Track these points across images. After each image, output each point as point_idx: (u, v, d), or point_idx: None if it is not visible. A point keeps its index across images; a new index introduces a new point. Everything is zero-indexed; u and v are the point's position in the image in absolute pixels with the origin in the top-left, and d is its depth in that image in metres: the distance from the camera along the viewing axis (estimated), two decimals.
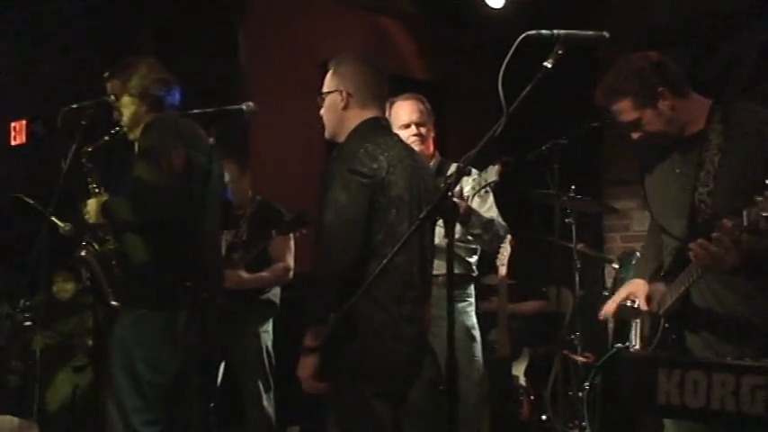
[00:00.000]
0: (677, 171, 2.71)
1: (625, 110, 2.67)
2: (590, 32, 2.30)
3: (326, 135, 2.98)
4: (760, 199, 2.17)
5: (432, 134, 3.91)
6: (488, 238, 3.78)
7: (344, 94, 2.88)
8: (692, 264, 2.50)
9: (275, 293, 4.54)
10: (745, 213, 2.22)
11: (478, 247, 3.99)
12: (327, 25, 5.75)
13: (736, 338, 2.55)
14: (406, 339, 2.74)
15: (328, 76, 2.95)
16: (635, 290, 2.79)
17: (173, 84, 3.45)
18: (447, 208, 2.33)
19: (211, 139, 2.93)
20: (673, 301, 2.63)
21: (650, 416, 1.84)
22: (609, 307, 2.88)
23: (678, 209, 2.67)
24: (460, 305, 3.87)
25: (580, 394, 4.56)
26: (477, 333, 3.95)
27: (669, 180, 2.75)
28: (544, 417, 4.98)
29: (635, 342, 2.86)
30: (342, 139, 2.89)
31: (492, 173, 3.26)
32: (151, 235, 3.24)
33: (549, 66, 2.23)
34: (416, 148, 3.71)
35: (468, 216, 3.60)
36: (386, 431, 2.72)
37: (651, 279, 2.80)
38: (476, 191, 3.34)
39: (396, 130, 3.78)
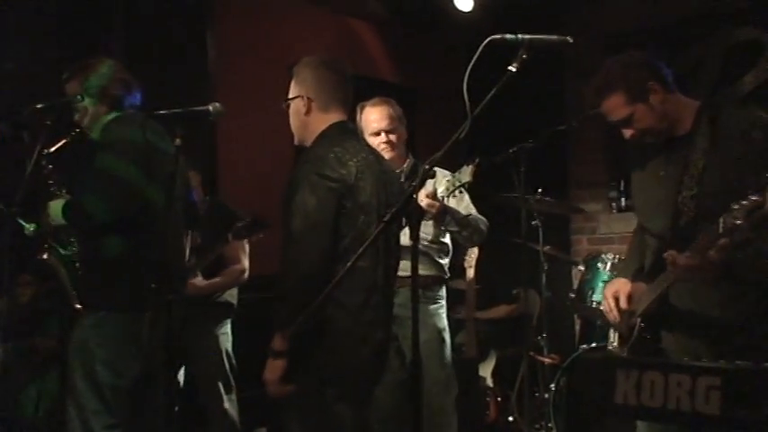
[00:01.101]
0: (662, 173, 2.73)
1: (617, 106, 2.67)
2: (554, 37, 2.32)
3: (296, 141, 2.98)
4: (736, 207, 2.19)
5: (403, 138, 3.91)
6: (468, 233, 3.81)
7: (305, 99, 2.87)
8: (692, 249, 2.52)
9: (232, 294, 4.52)
10: (721, 220, 2.24)
11: (450, 248, 3.99)
12: (297, 28, 5.74)
13: (713, 341, 2.57)
14: (370, 343, 2.75)
15: (292, 82, 2.95)
16: (617, 289, 2.80)
17: (133, 84, 3.42)
18: (411, 210, 2.34)
19: (177, 140, 2.90)
20: (650, 301, 2.65)
21: (608, 416, 1.86)
22: (608, 312, 2.84)
23: (662, 210, 2.69)
24: (432, 307, 3.89)
25: (546, 395, 4.60)
26: (447, 336, 3.97)
27: (654, 181, 2.77)
28: (511, 418, 5.02)
29: (614, 341, 2.86)
30: (309, 143, 2.88)
31: (466, 173, 3.28)
32: (115, 236, 3.21)
33: (514, 70, 2.25)
34: (387, 155, 3.71)
35: (444, 215, 3.62)
36: None
37: (634, 278, 2.81)
38: (450, 191, 3.36)
39: (366, 137, 3.79)
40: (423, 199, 3.47)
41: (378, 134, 3.79)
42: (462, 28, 5.82)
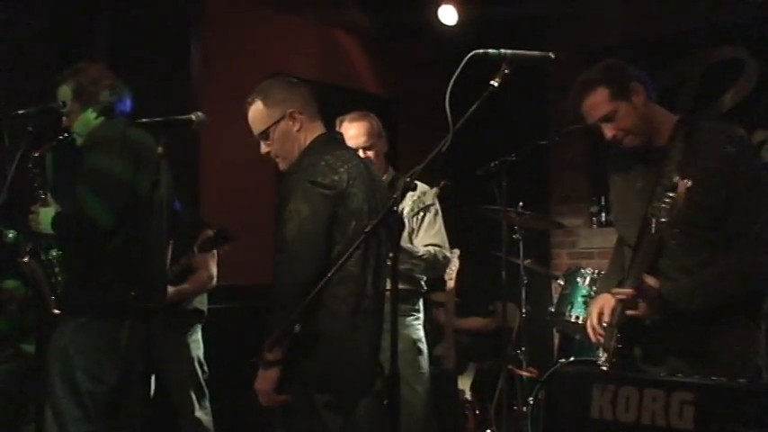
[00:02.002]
0: (638, 185, 2.76)
1: (601, 101, 2.70)
2: (536, 53, 2.35)
3: (284, 167, 2.91)
4: (662, 205, 2.27)
5: (382, 152, 3.89)
6: (420, 271, 3.80)
7: (295, 114, 2.86)
8: (630, 274, 2.56)
9: (202, 301, 4.50)
10: (653, 221, 2.33)
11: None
12: (281, 38, 5.75)
13: (688, 354, 2.59)
14: (359, 350, 2.75)
15: (260, 112, 2.87)
16: (603, 304, 2.79)
17: (123, 90, 3.42)
18: (393, 221, 2.36)
19: (160, 149, 2.90)
20: (619, 313, 2.67)
21: (584, 431, 1.87)
22: (591, 331, 2.84)
23: (636, 221, 2.71)
24: (408, 319, 3.89)
25: (525, 409, 4.61)
26: (423, 346, 3.97)
27: (631, 193, 2.80)
28: (489, 431, 5.02)
29: (602, 356, 2.87)
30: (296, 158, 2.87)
31: (429, 196, 3.30)
32: (96, 243, 3.20)
33: (496, 84, 2.28)
34: None
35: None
36: None
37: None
38: (414, 213, 3.37)
39: None
40: None
41: (355, 151, 3.79)
42: (446, 41, 5.86)
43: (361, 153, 3.77)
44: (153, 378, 4.26)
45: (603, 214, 6.21)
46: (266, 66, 5.29)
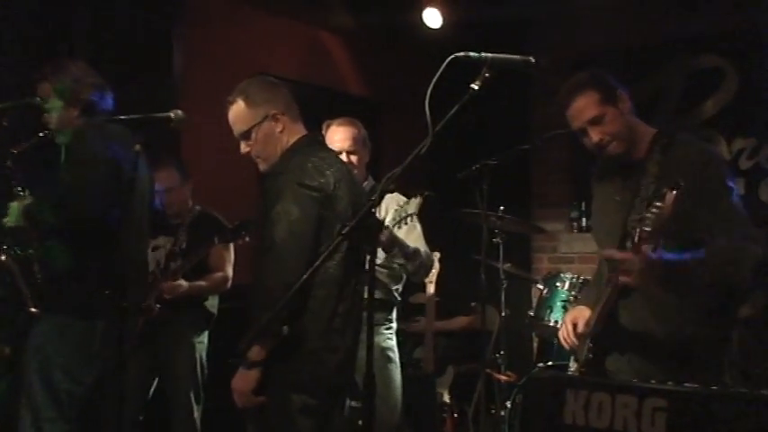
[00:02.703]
0: (617, 198, 2.78)
1: (591, 103, 2.71)
2: (517, 57, 2.35)
3: (265, 168, 2.90)
4: (647, 215, 2.28)
5: (365, 161, 3.89)
6: (413, 268, 3.77)
7: (278, 115, 2.84)
8: (606, 282, 2.57)
9: (213, 304, 4.49)
10: (636, 230, 2.35)
11: (403, 275, 3.98)
12: (264, 36, 5.73)
13: (663, 360, 2.61)
14: (335, 352, 2.74)
15: (242, 112, 2.85)
16: (577, 315, 2.82)
17: (105, 88, 3.39)
18: (369, 226, 2.35)
19: (137, 146, 2.88)
20: (595, 320, 2.67)
21: None
22: (563, 339, 2.86)
23: (614, 234, 2.73)
24: (380, 328, 3.86)
25: (502, 413, 4.62)
26: (394, 355, 3.93)
27: (610, 205, 2.82)
28: None
29: (572, 367, 2.87)
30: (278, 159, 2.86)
31: (412, 205, 3.27)
32: (74, 241, 3.17)
33: (476, 88, 2.28)
34: None
35: (392, 245, 3.59)
36: None
37: (595, 305, 2.80)
38: (396, 222, 3.36)
39: None
40: None
41: (339, 154, 3.78)
42: (430, 44, 5.85)
43: (344, 157, 3.76)
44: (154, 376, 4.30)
45: (584, 219, 6.24)
46: (249, 65, 5.27)
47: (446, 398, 5.09)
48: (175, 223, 4.41)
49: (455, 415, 5.08)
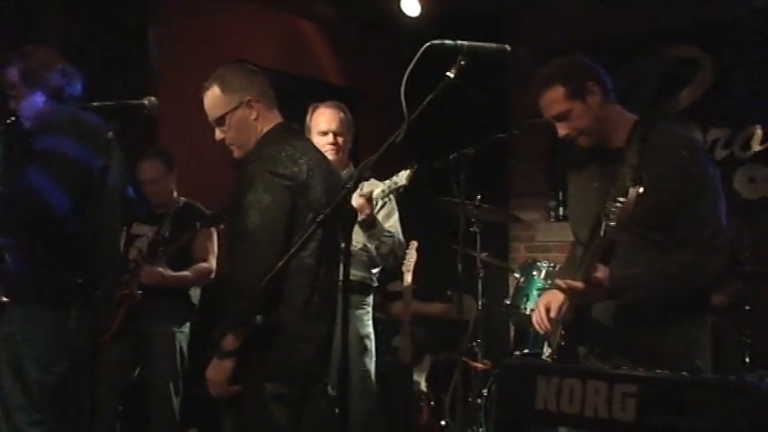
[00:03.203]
0: (595, 185, 2.77)
1: (556, 99, 2.70)
2: (492, 45, 2.34)
3: (239, 155, 2.89)
4: (612, 209, 2.29)
5: (348, 145, 3.89)
6: (385, 251, 3.74)
7: (253, 103, 2.83)
8: (581, 268, 2.58)
9: (194, 294, 4.47)
10: (603, 224, 2.34)
11: (375, 257, 3.92)
12: (242, 24, 5.70)
13: (632, 352, 2.61)
14: (310, 341, 2.74)
15: (217, 98, 2.84)
16: (551, 299, 2.81)
17: (73, 74, 3.35)
18: (345, 212, 2.35)
19: (110, 134, 2.85)
20: (567, 308, 2.69)
21: (529, 422, 1.88)
22: (537, 324, 2.86)
23: (589, 220, 2.72)
24: (357, 312, 3.86)
25: (479, 401, 4.64)
26: (370, 344, 3.92)
27: (587, 192, 2.82)
28: (443, 422, 5.04)
29: (546, 352, 2.86)
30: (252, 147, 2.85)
31: (403, 177, 3.26)
32: (45, 229, 3.14)
33: (452, 76, 2.27)
34: (330, 156, 3.68)
35: (372, 222, 3.59)
36: None
37: None
38: (386, 194, 3.33)
39: (313, 136, 3.78)
40: (357, 198, 3.44)
41: (325, 134, 3.77)
42: (409, 32, 5.84)
43: (330, 137, 3.76)
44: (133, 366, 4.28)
45: (561, 209, 6.28)
46: (226, 52, 5.25)
47: (423, 386, 5.11)
48: (159, 213, 4.40)
49: (432, 403, 5.11)
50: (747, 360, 4.67)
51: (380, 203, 3.68)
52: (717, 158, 5.60)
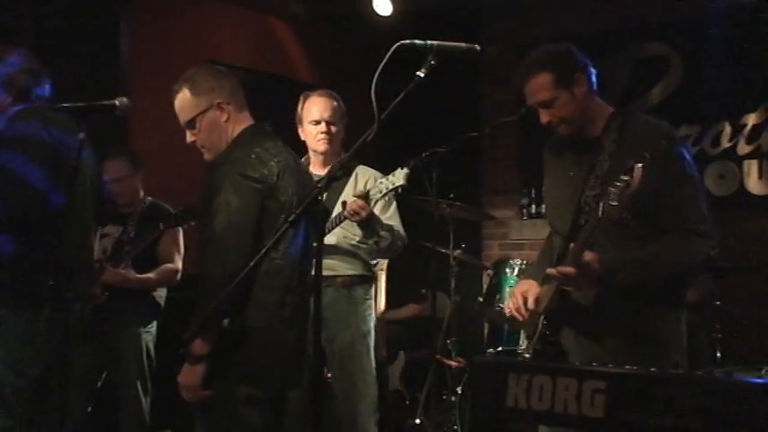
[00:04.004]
0: (571, 174, 2.78)
1: (543, 86, 2.69)
2: (462, 44, 2.35)
3: (210, 158, 2.87)
4: (612, 189, 2.29)
5: (341, 134, 3.85)
6: (385, 245, 3.71)
7: (223, 105, 2.82)
8: (568, 254, 2.58)
9: (161, 295, 4.45)
10: (600, 205, 2.33)
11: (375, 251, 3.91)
12: (213, 23, 5.67)
13: (607, 343, 2.64)
14: (283, 343, 2.73)
15: (187, 100, 2.83)
16: (526, 289, 2.81)
17: (42, 75, 3.32)
18: (316, 212, 2.35)
19: (81, 134, 2.82)
20: (549, 298, 2.69)
21: (500, 419, 1.90)
22: (515, 310, 2.84)
23: (567, 209, 2.74)
24: (360, 308, 3.83)
25: (453, 398, 4.66)
26: (371, 340, 3.88)
27: (564, 181, 2.82)
28: (418, 420, 5.05)
29: (522, 343, 2.88)
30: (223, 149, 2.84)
31: (400, 177, 3.24)
32: (15, 230, 3.10)
33: (422, 75, 2.28)
34: (323, 146, 3.71)
35: (371, 220, 3.57)
36: None
37: (543, 282, 2.82)
38: (383, 194, 3.32)
39: (305, 125, 3.77)
40: (353, 199, 3.44)
41: (318, 123, 3.75)
42: (381, 32, 5.85)
43: (323, 126, 3.74)
44: (101, 367, 4.24)
45: (534, 206, 6.31)
46: (198, 52, 5.22)
47: (397, 384, 5.12)
48: (125, 213, 4.38)
49: (406, 401, 5.12)
50: (719, 355, 4.73)
51: (386, 200, 3.66)
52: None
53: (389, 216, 3.80)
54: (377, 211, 3.68)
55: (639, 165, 2.29)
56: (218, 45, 5.64)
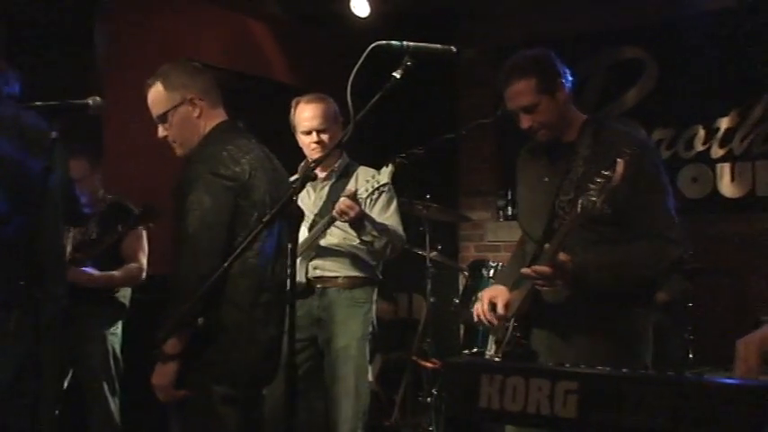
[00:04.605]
0: (546, 179, 2.79)
1: (526, 91, 2.70)
2: (438, 46, 2.37)
3: (181, 153, 2.87)
4: (592, 186, 2.31)
5: (337, 137, 3.68)
6: (380, 246, 3.65)
7: (195, 100, 2.81)
8: (543, 254, 2.60)
9: (125, 295, 4.41)
10: (579, 202, 2.35)
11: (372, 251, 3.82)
12: (189, 23, 5.65)
13: (579, 344, 2.66)
14: (258, 342, 2.72)
15: (159, 95, 2.82)
16: (496, 294, 2.82)
17: (9, 73, 3.28)
18: (292, 212, 2.34)
19: (53, 134, 2.79)
20: (520, 302, 2.70)
21: (474, 420, 1.90)
22: (481, 315, 2.85)
23: (541, 215, 2.75)
24: (359, 310, 3.79)
25: (429, 399, 4.67)
26: (367, 344, 3.83)
27: (537, 187, 2.83)
28: (393, 421, 5.06)
29: (491, 347, 2.88)
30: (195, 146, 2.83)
31: (384, 175, 3.24)
32: None
33: (398, 76, 2.29)
34: (317, 155, 3.63)
35: (362, 221, 3.53)
36: None
37: (514, 287, 2.83)
38: (369, 192, 3.30)
39: (298, 134, 3.74)
40: (342, 200, 3.42)
41: (309, 133, 3.70)
42: (358, 33, 5.85)
43: (314, 135, 3.68)
44: (68, 369, 4.20)
45: (510, 208, 6.34)
46: (174, 51, 5.19)
47: (374, 386, 5.11)
48: (86, 213, 4.33)
49: (382, 403, 5.11)
50: (691, 356, 4.78)
51: (375, 197, 3.63)
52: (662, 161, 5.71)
53: (389, 215, 3.75)
54: (377, 209, 3.67)
55: (621, 159, 2.31)
56: (195, 45, 5.61)
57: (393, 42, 2.30)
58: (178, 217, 2.68)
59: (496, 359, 2.70)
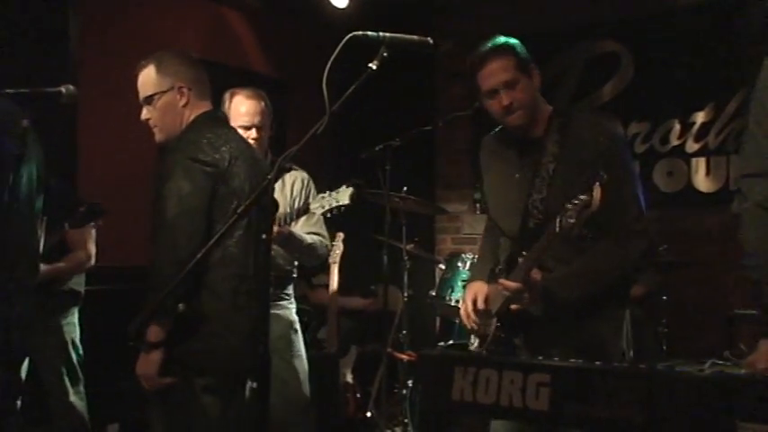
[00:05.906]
0: (517, 176, 2.79)
1: (507, 67, 2.71)
2: (415, 37, 2.36)
3: (160, 139, 2.89)
4: (569, 206, 2.30)
5: (269, 133, 3.80)
6: (307, 259, 3.83)
7: (184, 89, 2.84)
8: (518, 267, 2.61)
9: (78, 282, 4.37)
10: (557, 220, 2.35)
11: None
12: (166, 13, 5.60)
13: (561, 341, 2.65)
14: (238, 331, 2.71)
15: (150, 77, 2.86)
16: (477, 291, 2.84)
17: None
18: (267, 203, 2.34)
19: (25, 122, 2.76)
20: (504, 300, 2.70)
21: (447, 412, 1.90)
22: (465, 317, 2.87)
23: (514, 212, 2.76)
24: (282, 302, 3.84)
25: (404, 392, 4.67)
26: (299, 327, 3.91)
27: (509, 183, 2.83)
28: (369, 414, 5.06)
29: (474, 343, 2.89)
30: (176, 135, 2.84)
31: (345, 195, 3.19)
32: None
33: (374, 67, 2.28)
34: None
35: (289, 240, 3.58)
36: (214, 426, 2.69)
37: (489, 279, 2.86)
38: (325, 210, 3.27)
39: (236, 127, 3.72)
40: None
41: (249, 128, 3.69)
42: (336, 24, 5.83)
43: (254, 132, 3.67)
44: (26, 362, 4.15)
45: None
46: (150, 41, 5.14)
47: (349, 378, 5.12)
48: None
49: (358, 395, 5.11)
50: (665, 348, 4.82)
51: (327, 216, 3.63)
52: (637, 152, 5.74)
53: (314, 222, 3.78)
54: (300, 221, 3.67)
55: (598, 183, 2.30)
56: (172, 35, 5.57)
57: (370, 33, 2.29)
58: (156, 205, 2.67)
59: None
